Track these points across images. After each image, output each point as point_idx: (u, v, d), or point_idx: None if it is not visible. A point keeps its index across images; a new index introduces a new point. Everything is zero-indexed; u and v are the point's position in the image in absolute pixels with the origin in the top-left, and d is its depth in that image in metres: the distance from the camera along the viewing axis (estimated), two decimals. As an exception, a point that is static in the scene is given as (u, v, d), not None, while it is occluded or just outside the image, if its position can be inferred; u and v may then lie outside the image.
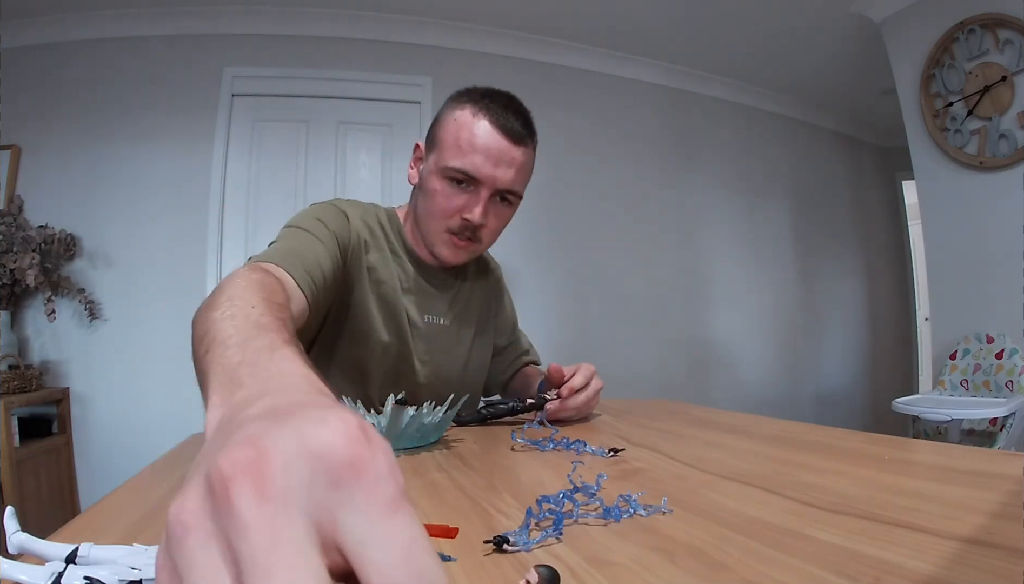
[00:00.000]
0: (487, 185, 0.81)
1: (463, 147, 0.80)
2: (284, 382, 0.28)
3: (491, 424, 0.83)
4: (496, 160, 0.80)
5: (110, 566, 0.25)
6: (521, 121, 0.83)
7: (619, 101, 3.14)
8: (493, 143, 0.80)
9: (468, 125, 0.80)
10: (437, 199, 0.83)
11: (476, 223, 0.82)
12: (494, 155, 0.80)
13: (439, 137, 0.84)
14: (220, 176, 2.54)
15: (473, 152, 0.80)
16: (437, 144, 0.84)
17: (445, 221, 0.84)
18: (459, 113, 0.82)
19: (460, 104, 0.83)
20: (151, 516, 0.43)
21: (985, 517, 0.37)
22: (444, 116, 0.85)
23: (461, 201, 0.82)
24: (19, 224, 2.28)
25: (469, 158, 0.80)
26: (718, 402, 3.14)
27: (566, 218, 2.97)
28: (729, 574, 0.30)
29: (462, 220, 0.83)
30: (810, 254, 3.69)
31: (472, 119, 0.81)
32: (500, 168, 0.81)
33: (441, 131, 0.84)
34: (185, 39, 2.57)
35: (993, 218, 2.18)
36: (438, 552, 0.33)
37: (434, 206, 0.83)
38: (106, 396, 2.39)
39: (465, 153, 0.80)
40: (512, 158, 0.81)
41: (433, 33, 2.76)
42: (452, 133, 0.82)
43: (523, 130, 0.83)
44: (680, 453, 0.61)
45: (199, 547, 0.15)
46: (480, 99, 0.82)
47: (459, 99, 0.85)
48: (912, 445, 0.67)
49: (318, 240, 0.78)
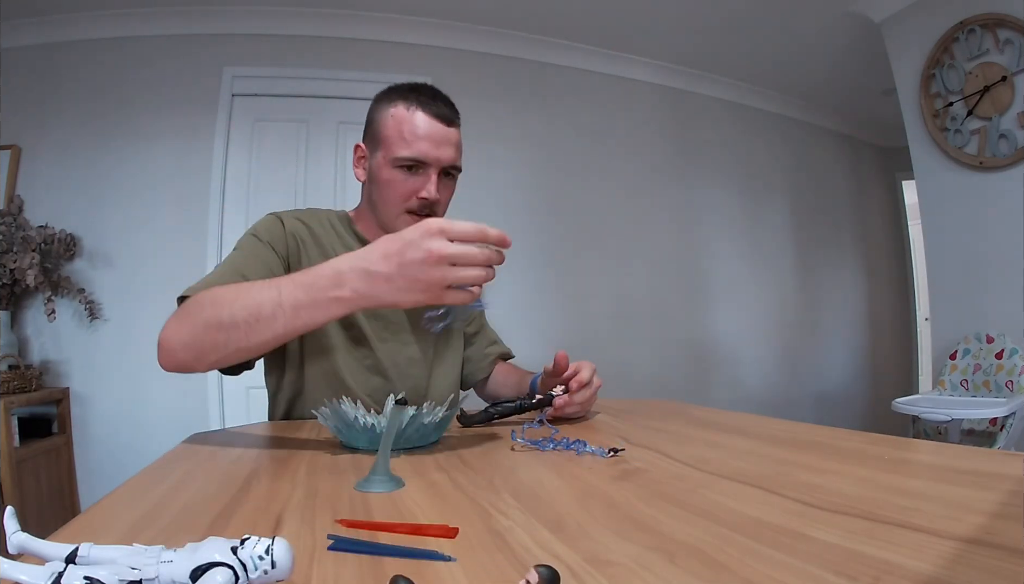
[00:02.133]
0: (434, 165, 0.92)
1: (407, 138, 0.90)
2: None
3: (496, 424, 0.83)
4: (437, 143, 0.91)
5: (110, 566, 0.25)
6: (448, 106, 0.95)
7: (619, 101, 3.14)
8: (432, 129, 0.91)
9: (407, 118, 0.91)
10: (393, 187, 0.93)
11: (432, 199, 0.92)
12: (436, 139, 0.91)
13: (381, 135, 0.93)
14: (220, 176, 2.54)
15: (417, 140, 0.90)
16: (381, 141, 0.93)
17: (403, 204, 0.93)
18: (394, 110, 0.92)
19: (391, 102, 0.93)
20: (151, 516, 0.43)
21: (985, 517, 0.37)
22: (379, 116, 0.94)
23: (414, 184, 0.92)
24: (19, 224, 2.29)
25: (416, 146, 0.90)
26: (718, 402, 3.14)
27: (566, 218, 2.97)
28: (729, 574, 0.30)
29: (419, 199, 0.92)
30: (810, 254, 3.69)
31: (408, 113, 0.91)
32: (442, 149, 0.92)
33: (382, 129, 0.93)
34: (185, 39, 2.57)
35: (993, 218, 2.18)
36: (438, 552, 0.33)
37: (391, 194, 0.93)
38: (106, 396, 2.39)
39: (411, 143, 0.90)
40: (449, 138, 0.93)
41: (433, 33, 2.77)
42: (394, 128, 0.91)
43: (452, 113, 0.95)
44: (680, 453, 0.61)
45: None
46: (409, 94, 0.93)
47: (388, 97, 0.94)
48: (912, 445, 0.67)
49: (251, 256, 0.88)
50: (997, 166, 2.16)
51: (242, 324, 0.67)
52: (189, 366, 0.72)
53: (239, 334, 0.67)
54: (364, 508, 0.44)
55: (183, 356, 0.71)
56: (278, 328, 0.66)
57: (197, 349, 0.70)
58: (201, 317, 0.70)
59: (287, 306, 0.65)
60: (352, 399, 0.83)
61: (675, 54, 3.11)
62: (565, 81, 3.02)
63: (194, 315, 0.71)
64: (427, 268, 0.59)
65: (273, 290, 0.66)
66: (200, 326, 0.69)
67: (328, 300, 0.64)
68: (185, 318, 0.72)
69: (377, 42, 2.72)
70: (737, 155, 3.45)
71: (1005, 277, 2.11)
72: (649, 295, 3.10)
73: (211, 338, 0.69)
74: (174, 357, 0.72)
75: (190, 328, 0.70)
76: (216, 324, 0.68)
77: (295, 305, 0.65)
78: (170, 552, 0.25)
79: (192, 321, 0.71)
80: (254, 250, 0.90)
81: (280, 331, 0.66)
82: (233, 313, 0.67)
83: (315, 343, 0.93)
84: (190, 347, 0.70)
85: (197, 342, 0.70)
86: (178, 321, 0.72)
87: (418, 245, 0.59)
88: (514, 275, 2.84)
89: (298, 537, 0.37)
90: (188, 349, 0.71)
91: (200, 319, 0.70)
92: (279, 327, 0.66)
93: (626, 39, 2.96)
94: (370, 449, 0.66)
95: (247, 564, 0.25)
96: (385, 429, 0.54)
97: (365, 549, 0.35)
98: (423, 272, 0.59)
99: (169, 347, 0.72)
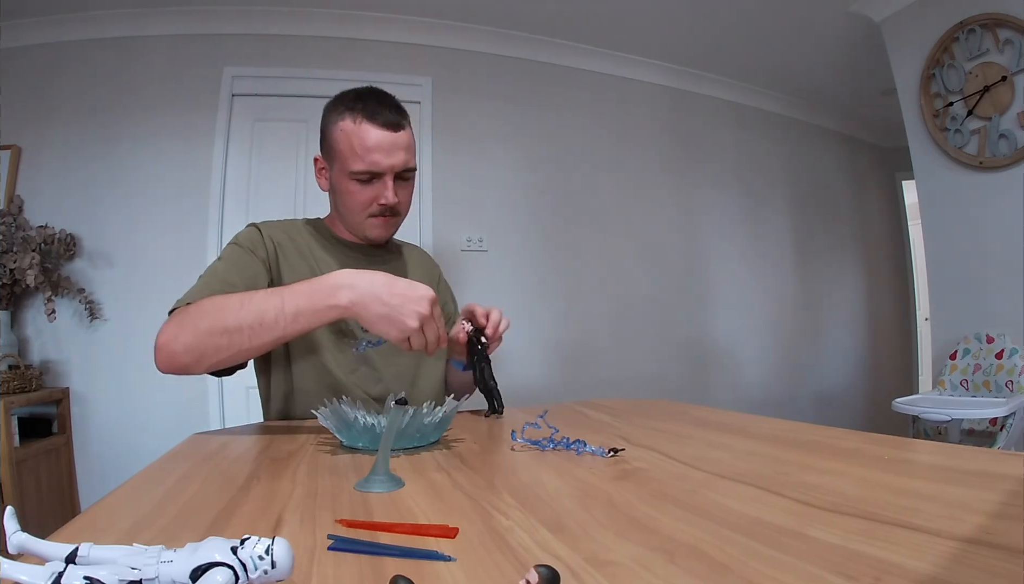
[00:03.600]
0: (388, 173, 0.95)
1: (358, 152, 0.93)
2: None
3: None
4: (388, 152, 0.93)
5: (110, 566, 0.25)
6: (394, 110, 0.95)
7: (619, 101, 3.14)
8: (381, 139, 0.93)
9: (355, 132, 0.93)
10: (353, 197, 0.97)
11: (391, 203, 0.96)
12: (385, 148, 0.93)
13: (335, 149, 0.96)
14: (220, 176, 2.54)
15: (368, 153, 0.92)
16: (335, 155, 0.96)
17: (366, 211, 0.98)
18: (343, 124, 0.94)
19: (339, 115, 0.95)
20: (151, 516, 0.43)
21: (985, 517, 0.37)
22: (330, 130, 0.97)
23: (373, 192, 0.96)
24: (19, 224, 2.28)
25: (368, 158, 0.93)
26: (718, 402, 3.14)
27: (566, 217, 2.97)
28: (729, 574, 0.30)
29: (379, 206, 0.97)
30: (810, 254, 3.70)
31: (355, 126, 0.93)
32: (393, 155, 0.94)
33: (334, 144, 0.96)
34: (185, 39, 2.57)
35: (993, 218, 2.18)
36: (438, 552, 0.33)
37: (352, 203, 0.98)
38: (106, 396, 2.39)
39: (362, 156, 0.93)
40: (398, 144, 0.94)
41: (433, 33, 2.76)
42: (344, 143, 0.94)
43: (398, 117, 0.95)
44: (680, 453, 0.61)
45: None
46: (355, 105, 0.94)
47: (336, 110, 0.96)
48: (912, 445, 0.67)
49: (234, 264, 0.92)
50: (997, 166, 2.16)
51: (246, 328, 0.74)
52: (188, 368, 0.77)
53: (242, 337, 0.74)
54: (364, 508, 0.44)
55: (184, 359, 0.76)
56: (278, 332, 0.75)
57: (199, 352, 0.75)
58: (205, 323, 0.75)
59: (288, 312, 0.74)
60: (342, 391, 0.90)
61: (675, 54, 3.11)
62: (565, 81, 3.02)
63: (197, 321, 0.76)
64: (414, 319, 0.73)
65: (276, 298, 0.75)
66: (203, 331, 0.75)
67: (326, 307, 0.74)
68: (187, 323, 0.76)
69: (377, 42, 2.72)
70: (737, 155, 3.45)
71: (1005, 277, 2.11)
72: (649, 295, 3.10)
73: (215, 342, 0.74)
74: (174, 360, 0.76)
75: (192, 332, 0.75)
76: (221, 329, 0.74)
77: (296, 311, 0.74)
78: (170, 552, 0.25)
79: (195, 326, 0.75)
80: (237, 259, 0.93)
81: (279, 334, 0.75)
82: (239, 318, 0.74)
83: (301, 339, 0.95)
84: (192, 350, 0.75)
85: (200, 345, 0.75)
86: (178, 326, 0.77)
87: (421, 301, 0.74)
88: (514, 275, 2.84)
89: (298, 537, 0.37)
90: (190, 352, 0.75)
91: (203, 324, 0.75)
92: (279, 331, 0.75)
93: (626, 39, 2.96)
94: (370, 449, 0.66)
95: (247, 564, 0.25)
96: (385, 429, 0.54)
97: (365, 549, 0.35)
98: (410, 320, 0.73)
99: (170, 350, 0.76)
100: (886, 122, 3.77)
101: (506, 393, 0.97)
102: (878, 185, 4.19)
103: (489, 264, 2.77)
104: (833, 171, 3.92)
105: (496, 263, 2.79)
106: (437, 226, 2.70)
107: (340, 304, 0.73)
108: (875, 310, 4.01)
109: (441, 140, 2.75)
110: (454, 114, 2.79)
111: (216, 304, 0.77)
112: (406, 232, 2.63)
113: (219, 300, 0.78)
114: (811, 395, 3.59)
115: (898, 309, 4.16)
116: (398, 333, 0.73)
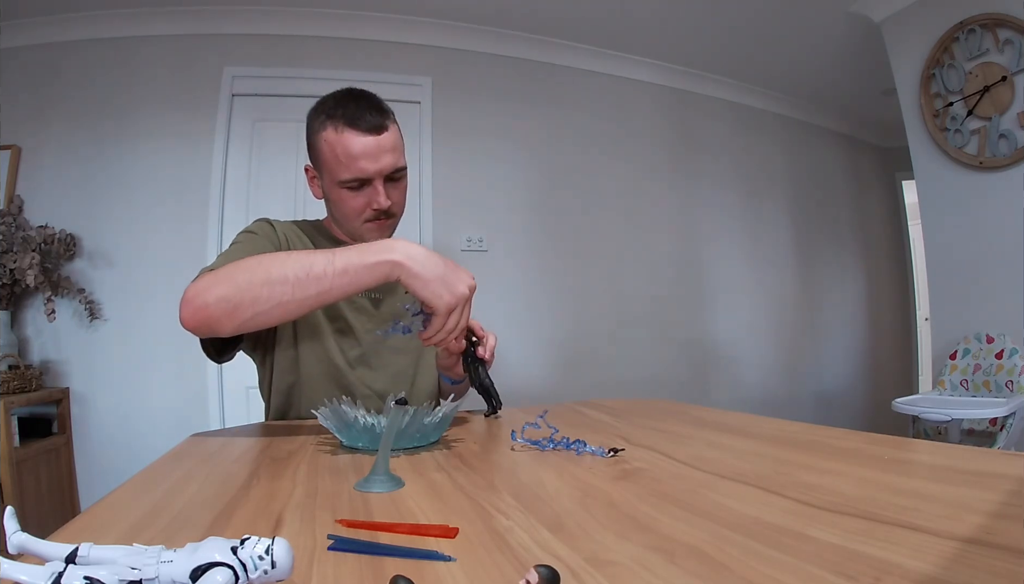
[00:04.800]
0: (377, 178, 0.93)
1: (344, 161, 0.91)
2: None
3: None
4: (374, 157, 0.91)
5: (110, 566, 0.25)
6: (375, 111, 0.92)
7: (619, 101, 3.14)
8: (365, 146, 0.90)
9: (339, 141, 0.90)
10: (346, 205, 0.95)
11: (384, 207, 0.95)
12: (371, 154, 0.91)
13: (322, 159, 0.94)
14: (220, 176, 2.54)
15: (353, 161, 0.90)
16: (323, 165, 0.95)
17: (360, 217, 0.97)
18: (325, 134, 0.92)
19: (321, 124, 0.92)
20: (151, 516, 0.43)
21: (985, 517, 0.37)
22: (315, 140, 0.94)
23: (365, 198, 0.94)
24: (19, 224, 2.29)
25: (355, 166, 0.91)
26: (718, 402, 3.14)
27: (566, 218, 2.97)
28: (729, 574, 0.30)
29: (373, 211, 0.95)
30: (810, 254, 3.70)
31: (338, 135, 0.90)
32: (380, 160, 0.92)
33: (320, 154, 0.94)
34: (185, 39, 2.57)
35: (993, 218, 2.18)
36: (438, 552, 0.33)
37: (346, 210, 0.97)
38: (106, 396, 2.39)
39: (348, 165, 0.91)
40: (383, 147, 0.92)
41: (433, 33, 2.76)
42: (329, 153, 0.92)
43: (380, 119, 0.92)
44: (680, 453, 0.61)
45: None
46: (335, 112, 0.91)
47: (317, 119, 0.94)
48: (912, 445, 0.67)
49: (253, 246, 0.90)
50: (997, 166, 2.16)
51: (291, 278, 0.72)
52: (217, 323, 0.74)
53: (286, 288, 0.72)
54: (364, 508, 0.44)
55: (215, 310, 0.72)
56: (324, 284, 0.72)
57: (235, 303, 0.72)
58: (244, 274, 0.73)
59: (338, 264, 0.72)
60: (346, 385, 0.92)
61: (675, 54, 3.11)
62: (565, 81, 3.02)
63: (234, 273, 0.74)
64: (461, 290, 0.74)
65: (327, 253, 0.74)
66: (243, 281, 0.73)
67: (377, 262, 0.73)
68: (222, 276, 0.74)
69: (377, 42, 2.72)
70: (737, 155, 3.46)
71: (1005, 277, 2.11)
72: (649, 295, 3.10)
73: (254, 293, 0.72)
74: (203, 312, 0.73)
75: (229, 283, 0.73)
76: (263, 279, 0.72)
77: (345, 264, 0.73)
78: (170, 552, 0.25)
79: (231, 277, 0.73)
80: (252, 244, 0.92)
81: (325, 287, 0.72)
82: (284, 269, 0.72)
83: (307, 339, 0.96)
84: (227, 300, 0.72)
85: (237, 295, 0.72)
86: (214, 278, 0.74)
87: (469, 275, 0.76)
88: (514, 275, 2.84)
89: (298, 537, 0.37)
90: (224, 302, 0.72)
91: (242, 276, 0.73)
92: (326, 283, 0.72)
93: (626, 39, 2.96)
94: (370, 449, 0.66)
95: (247, 564, 0.25)
96: (385, 429, 0.54)
97: (365, 549, 0.35)
98: (462, 286, 0.74)
99: (201, 301, 0.73)
100: (886, 122, 3.77)
101: (506, 393, 0.97)
102: (878, 185, 4.19)
103: (489, 264, 2.77)
104: (833, 171, 3.92)
105: (496, 263, 2.79)
106: (437, 226, 2.70)
107: (393, 259, 0.72)
108: (875, 310, 4.02)
109: (441, 140, 2.75)
110: (454, 114, 2.79)
111: (257, 259, 0.75)
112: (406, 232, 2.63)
113: (260, 256, 0.75)
114: (811, 395, 3.59)
115: (898, 309, 4.16)
116: (450, 297, 0.72)
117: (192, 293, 0.73)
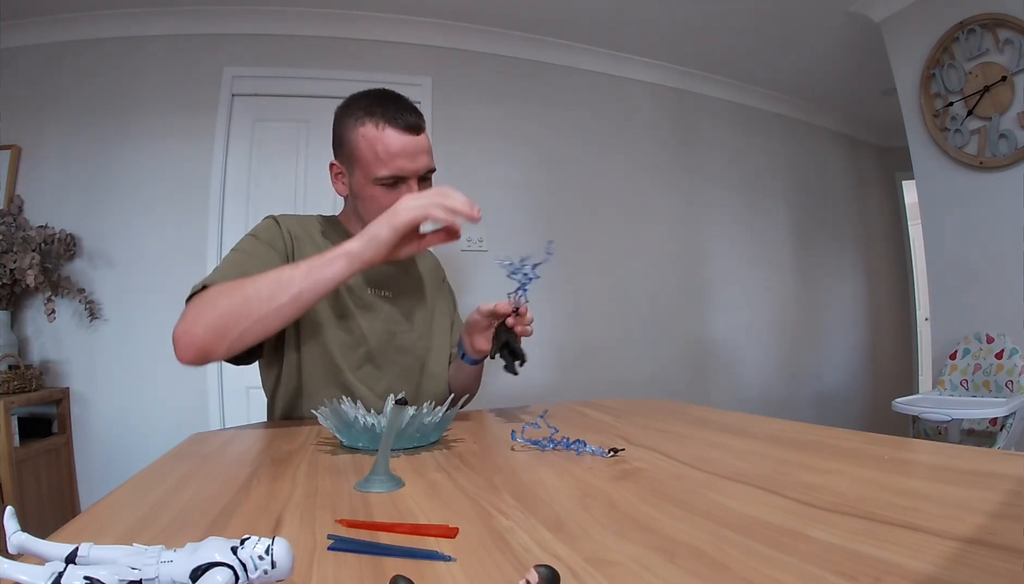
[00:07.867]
0: (413, 177, 0.94)
1: (383, 158, 0.92)
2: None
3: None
4: (412, 156, 0.93)
5: (110, 566, 0.25)
6: (412, 113, 0.94)
7: (619, 101, 3.14)
8: (405, 144, 0.92)
9: (379, 137, 0.92)
10: (378, 201, 0.94)
11: None
12: (410, 153, 0.93)
13: (356, 155, 0.95)
14: (220, 176, 2.54)
15: (393, 159, 0.92)
16: (357, 161, 0.95)
17: None
18: (364, 130, 0.93)
19: (358, 120, 0.94)
20: (151, 516, 0.43)
21: (985, 517, 0.37)
22: (350, 136, 0.95)
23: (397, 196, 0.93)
24: (19, 224, 2.28)
25: (393, 164, 0.92)
26: (718, 402, 3.14)
27: (566, 218, 2.97)
28: (729, 574, 0.30)
29: None
30: (810, 254, 3.69)
31: (378, 131, 0.92)
32: (418, 160, 0.94)
33: (355, 150, 0.94)
34: (185, 39, 2.57)
35: (993, 218, 2.18)
36: (438, 552, 0.33)
37: (378, 208, 0.94)
38: (106, 396, 2.39)
39: (387, 162, 0.92)
40: (421, 147, 0.94)
41: (433, 33, 2.76)
42: (367, 149, 0.93)
43: (418, 119, 0.94)
44: (680, 453, 0.61)
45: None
46: (374, 108, 0.93)
47: (353, 114, 0.95)
48: (912, 445, 0.67)
49: (251, 255, 0.92)
50: (997, 166, 2.16)
51: (265, 293, 0.77)
52: (210, 350, 0.77)
53: (261, 303, 0.76)
54: (364, 508, 0.44)
55: (205, 339, 0.77)
56: (293, 289, 0.77)
57: (221, 328, 0.76)
58: (223, 300, 0.78)
59: (301, 268, 0.78)
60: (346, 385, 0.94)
61: (675, 54, 3.11)
62: (565, 81, 3.02)
63: (215, 300, 0.78)
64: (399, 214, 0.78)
65: (289, 266, 0.80)
66: (224, 307, 0.77)
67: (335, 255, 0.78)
68: (204, 307, 0.78)
69: (377, 42, 2.72)
70: (737, 155, 3.45)
71: (1005, 277, 2.11)
72: (649, 295, 3.10)
73: (235, 312, 0.76)
74: (195, 344, 0.77)
75: (211, 310, 0.77)
76: (241, 299, 0.77)
77: (308, 267, 0.78)
78: (170, 552, 0.25)
79: (213, 305, 0.78)
80: (254, 249, 0.93)
81: (295, 291, 0.77)
82: (256, 286, 0.77)
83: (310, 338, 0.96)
84: (213, 327, 0.76)
85: (221, 320, 0.76)
86: (196, 310, 0.79)
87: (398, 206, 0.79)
88: (514, 275, 2.83)
89: (298, 537, 0.37)
90: (211, 331, 0.76)
91: (222, 301, 0.78)
92: (295, 287, 0.77)
93: (626, 39, 2.96)
94: (370, 449, 0.66)
95: (247, 564, 0.25)
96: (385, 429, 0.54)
97: (365, 549, 0.35)
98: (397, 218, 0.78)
99: (191, 336, 0.77)
100: (886, 122, 3.77)
101: (506, 393, 0.97)
102: (878, 185, 4.19)
103: (489, 264, 2.77)
104: (833, 171, 3.92)
105: (496, 263, 2.79)
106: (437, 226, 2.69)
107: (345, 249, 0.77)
108: (875, 310, 4.01)
109: (441, 140, 2.75)
110: (454, 114, 2.79)
111: (232, 284, 0.79)
112: (406, 232, 2.61)
113: (235, 281, 0.80)
114: (811, 395, 3.59)
115: (898, 309, 4.16)
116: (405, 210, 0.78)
117: (181, 331, 0.77)
